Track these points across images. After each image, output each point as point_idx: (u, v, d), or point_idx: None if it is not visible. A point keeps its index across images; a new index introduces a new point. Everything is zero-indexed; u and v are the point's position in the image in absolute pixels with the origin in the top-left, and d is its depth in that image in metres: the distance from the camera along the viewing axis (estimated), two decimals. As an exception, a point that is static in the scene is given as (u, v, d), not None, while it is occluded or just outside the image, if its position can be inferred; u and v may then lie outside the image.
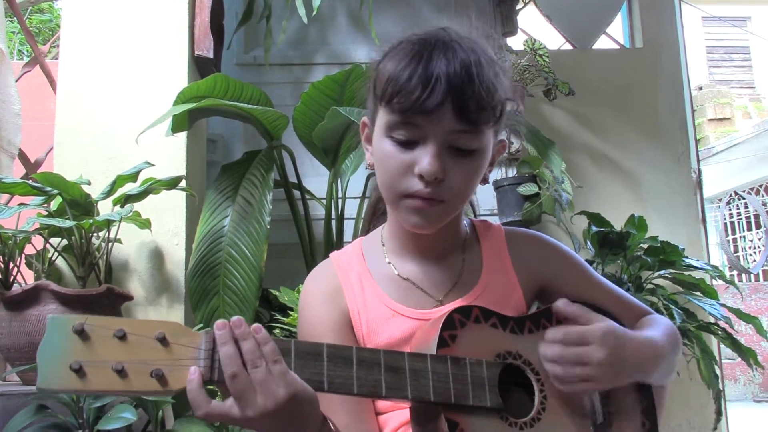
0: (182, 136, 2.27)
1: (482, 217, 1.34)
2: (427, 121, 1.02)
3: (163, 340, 0.84)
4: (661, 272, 2.87)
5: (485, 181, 1.14)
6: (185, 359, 0.85)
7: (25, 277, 2.00)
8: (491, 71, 1.05)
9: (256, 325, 0.88)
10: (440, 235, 1.15)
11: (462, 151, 1.05)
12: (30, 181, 1.92)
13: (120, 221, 1.98)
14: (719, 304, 2.72)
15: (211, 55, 2.43)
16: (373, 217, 1.36)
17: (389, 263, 1.19)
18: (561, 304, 1.05)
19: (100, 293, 1.92)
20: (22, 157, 2.62)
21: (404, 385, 0.93)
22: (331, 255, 1.26)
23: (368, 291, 1.16)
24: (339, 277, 1.19)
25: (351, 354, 0.92)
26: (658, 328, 1.15)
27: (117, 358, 0.81)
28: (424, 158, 1.03)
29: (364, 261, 1.21)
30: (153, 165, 2.06)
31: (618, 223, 2.89)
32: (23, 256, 2.02)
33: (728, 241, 10.81)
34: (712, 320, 2.77)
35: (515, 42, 3.49)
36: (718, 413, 2.69)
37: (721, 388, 2.73)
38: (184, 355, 0.85)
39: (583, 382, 0.98)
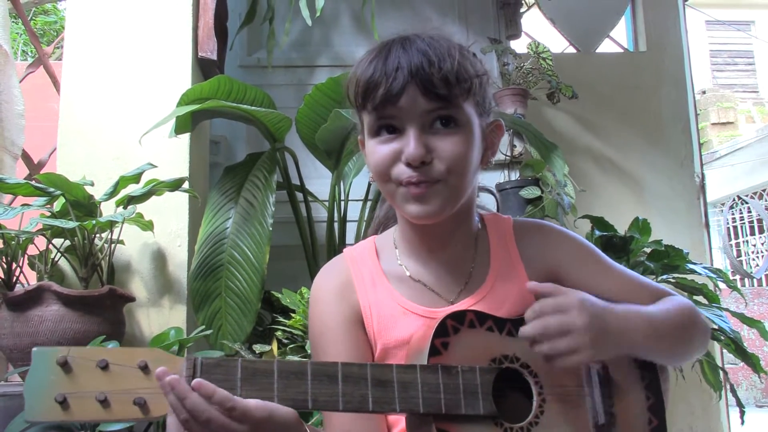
0: (185, 137, 2.27)
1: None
2: (398, 110, 1.05)
3: (145, 369, 0.85)
4: (665, 276, 2.86)
5: (486, 162, 1.15)
6: None
7: (28, 278, 2.01)
8: (453, 51, 1.07)
9: (195, 381, 0.87)
10: (448, 231, 1.15)
11: (442, 126, 1.06)
12: (33, 182, 1.92)
13: (123, 222, 1.98)
14: (724, 308, 2.71)
15: (214, 56, 2.43)
16: (378, 230, 1.35)
17: (401, 265, 1.19)
18: (532, 285, 1.04)
19: (103, 294, 1.92)
20: (26, 157, 2.62)
21: (392, 399, 0.92)
22: (344, 250, 1.25)
23: (380, 288, 1.16)
24: (351, 272, 1.19)
25: (336, 371, 0.92)
26: (662, 304, 1.13)
27: (100, 388, 0.83)
28: (407, 144, 1.05)
29: (378, 259, 1.20)
30: (156, 166, 2.06)
31: (621, 227, 2.89)
32: (26, 256, 2.02)
33: (731, 245, 10.80)
34: (715, 327, 2.76)
35: (519, 45, 3.49)
36: (740, 408, 2.68)
37: (729, 391, 2.72)
38: None
39: (572, 353, 0.96)
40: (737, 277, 10.02)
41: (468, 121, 1.08)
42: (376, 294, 1.15)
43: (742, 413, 2.67)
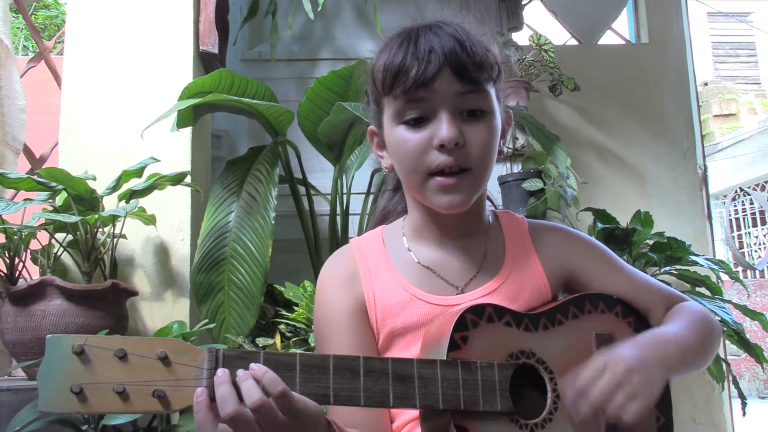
0: (187, 131, 2.27)
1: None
2: (431, 92, 1.05)
3: (164, 359, 0.83)
4: (667, 268, 2.86)
5: (500, 152, 1.15)
6: (187, 379, 0.84)
7: (31, 273, 2.01)
8: (478, 35, 1.10)
9: (253, 364, 0.86)
10: (462, 221, 1.15)
11: (472, 114, 1.07)
12: (35, 177, 1.92)
13: (125, 217, 1.98)
14: (726, 300, 2.71)
15: (216, 50, 2.42)
16: (383, 221, 1.34)
17: (409, 251, 1.19)
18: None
19: (106, 288, 1.92)
20: (27, 152, 2.62)
21: (412, 394, 0.92)
22: (351, 240, 1.25)
23: (387, 276, 1.16)
24: (357, 261, 1.19)
25: (358, 365, 0.91)
26: (682, 319, 1.12)
27: (118, 380, 0.81)
28: (440, 127, 1.05)
29: (385, 247, 1.20)
30: (158, 160, 2.06)
31: (623, 219, 2.89)
32: (28, 251, 2.02)
33: (733, 237, 10.79)
34: (718, 318, 2.76)
35: (521, 37, 3.49)
36: (742, 399, 2.68)
37: (732, 382, 2.73)
38: (186, 374, 0.84)
39: (632, 400, 0.92)
40: (739, 268, 10.02)
41: (493, 109, 1.10)
42: (381, 281, 1.15)
43: (744, 404, 2.68)
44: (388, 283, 1.15)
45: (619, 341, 1.06)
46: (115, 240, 2.05)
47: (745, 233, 11.39)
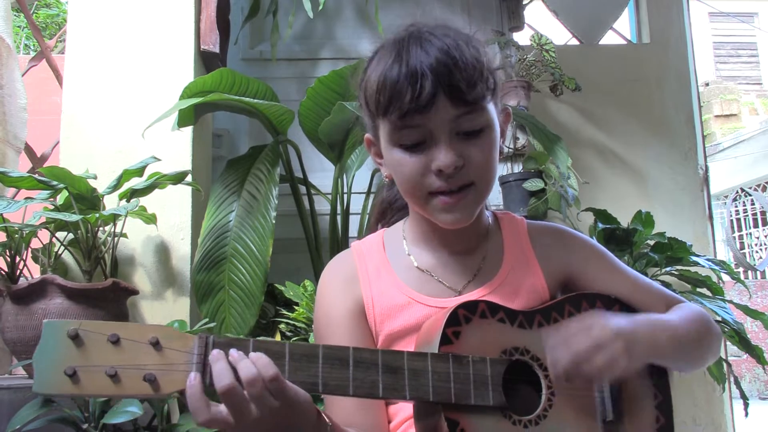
0: (188, 130, 2.27)
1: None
2: (426, 118, 1.02)
3: (156, 345, 0.84)
4: (668, 269, 2.86)
5: (500, 153, 1.13)
6: (178, 364, 0.85)
7: (32, 271, 2.01)
8: (470, 48, 1.05)
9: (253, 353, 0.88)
10: (463, 231, 1.14)
11: (470, 133, 1.05)
12: (36, 175, 1.92)
13: (126, 216, 1.98)
14: (727, 301, 2.71)
15: (217, 49, 2.43)
16: (381, 219, 1.35)
17: (409, 255, 1.19)
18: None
19: (106, 287, 1.92)
20: (29, 151, 2.62)
21: (402, 386, 0.92)
22: (352, 244, 1.26)
23: (385, 279, 1.16)
24: (357, 265, 1.19)
25: (347, 355, 0.91)
26: (679, 312, 1.13)
27: (110, 363, 0.82)
28: (438, 153, 1.03)
29: (384, 251, 1.21)
30: (159, 159, 2.06)
31: (624, 219, 2.88)
32: (29, 249, 2.02)
33: (734, 237, 10.79)
34: (719, 319, 2.75)
35: (522, 37, 3.48)
36: (744, 400, 2.68)
37: (733, 383, 2.73)
38: (176, 359, 0.85)
39: (610, 367, 0.96)
40: (740, 269, 10.01)
41: (491, 121, 1.07)
42: (380, 285, 1.16)
43: (746, 405, 2.68)
44: (386, 287, 1.15)
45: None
46: (116, 239, 2.05)
47: (746, 234, 11.39)
